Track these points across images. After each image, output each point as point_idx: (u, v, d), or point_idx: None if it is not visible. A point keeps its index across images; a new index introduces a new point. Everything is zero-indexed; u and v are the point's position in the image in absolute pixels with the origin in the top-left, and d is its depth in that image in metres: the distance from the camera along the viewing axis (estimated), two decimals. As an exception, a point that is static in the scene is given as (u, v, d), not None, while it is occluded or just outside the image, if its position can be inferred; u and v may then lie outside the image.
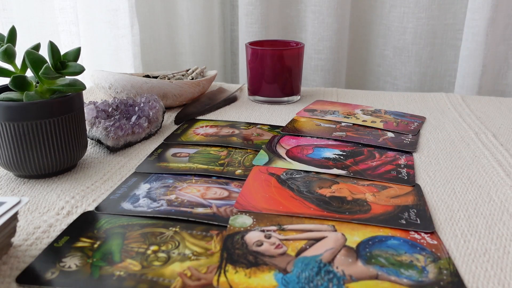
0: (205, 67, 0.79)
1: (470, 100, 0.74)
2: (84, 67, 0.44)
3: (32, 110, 0.42)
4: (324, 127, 0.61)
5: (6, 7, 0.74)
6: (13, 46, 0.44)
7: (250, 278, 0.31)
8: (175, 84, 0.67)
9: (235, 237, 0.35)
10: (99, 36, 0.90)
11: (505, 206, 0.41)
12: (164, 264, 0.32)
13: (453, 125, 0.63)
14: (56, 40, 0.80)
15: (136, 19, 0.91)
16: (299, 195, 0.42)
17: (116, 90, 0.65)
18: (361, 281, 0.31)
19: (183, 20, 1.03)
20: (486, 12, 0.84)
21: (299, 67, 0.73)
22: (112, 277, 0.31)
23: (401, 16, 0.97)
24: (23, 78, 0.43)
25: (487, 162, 0.50)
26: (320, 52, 0.99)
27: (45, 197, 0.42)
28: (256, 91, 0.73)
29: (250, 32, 0.97)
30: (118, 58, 0.92)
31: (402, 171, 0.48)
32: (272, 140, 0.56)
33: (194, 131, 0.60)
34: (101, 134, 0.52)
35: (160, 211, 0.39)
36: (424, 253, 0.34)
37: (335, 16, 0.95)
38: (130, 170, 0.48)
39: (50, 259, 0.33)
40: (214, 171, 0.47)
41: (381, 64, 1.04)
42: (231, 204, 0.40)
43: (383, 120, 0.64)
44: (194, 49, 1.05)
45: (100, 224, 0.37)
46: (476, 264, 0.33)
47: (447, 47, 0.97)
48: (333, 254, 0.33)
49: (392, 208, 0.40)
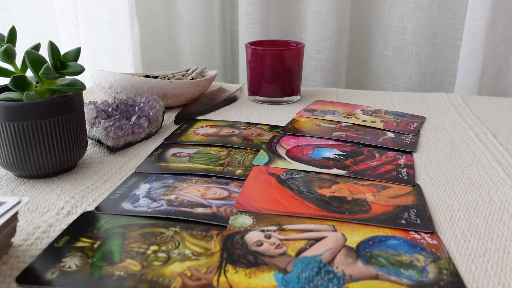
0: (205, 67, 0.79)
1: (470, 100, 0.74)
2: (84, 67, 0.44)
3: (32, 110, 0.42)
4: (324, 127, 0.61)
5: (6, 7, 0.74)
6: (13, 46, 0.44)
7: (250, 278, 0.31)
8: (175, 84, 0.67)
9: (235, 237, 0.35)
10: (99, 36, 0.90)
11: (505, 206, 0.41)
12: (164, 264, 0.32)
13: (453, 125, 0.63)
14: (56, 40, 0.80)
15: (136, 19, 0.91)
16: (299, 195, 0.42)
17: (116, 90, 0.65)
18: (361, 281, 0.31)
19: (183, 20, 1.03)
20: (486, 12, 0.84)
21: (299, 67, 0.73)
22: (112, 277, 0.31)
23: (401, 16, 0.97)
24: (23, 78, 0.43)
25: (487, 162, 0.50)
26: (320, 52, 0.99)
27: (45, 197, 0.42)
28: (256, 91, 0.73)
29: (250, 32, 0.97)
30: (118, 58, 0.92)
31: (402, 171, 0.48)
32: (272, 140, 0.56)
33: (194, 131, 0.60)
34: (101, 134, 0.52)
35: (160, 211, 0.39)
36: (424, 253, 0.34)
37: (335, 16, 0.95)
38: (130, 170, 0.48)
39: (50, 259, 0.33)
40: (214, 171, 0.47)
41: (381, 64, 1.04)
42: (231, 204, 0.40)
43: (383, 120, 0.64)
44: (194, 49, 1.05)
45: (100, 224, 0.37)
46: (476, 264, 0.33)
47: (447, 47, 0.97)
48: (333, 254, 0.33)
49: (392, 208, 0.40)
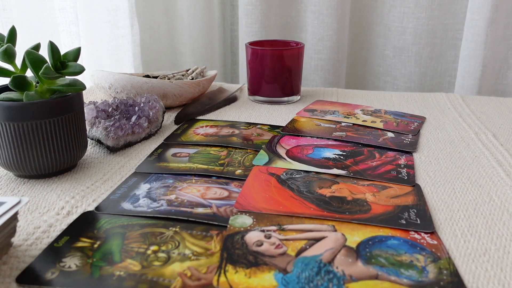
0: (205, 67, 0.79)
1: (470, 100, 0.74)
2: (84, 67, 0.44)
3: (32, 110, 0.42)
4: (324, 127, 0.61)
5: (6, 7, 0.74)
6: (13, 46, 0.44)
7: (250, 278, 0.31)
8: (175, 84, 0.67)
9: (235, 237, 0.35)
10: (99, 36, 0.90)
11: (505, 206, 0.41)
12: (164, 264, 0.32)
13: (453, 125, 0.63)
14: (56, 40, 0.80)
15: (136, 19, 0.91)
16: (299, 195, 0.42)
17: (116, 90, 0.65)
18: (361, 281, 0.31)
19: (183, 20, 1.03)
20: (486, 12, 0.84)
21: (299, 67, 0.73)
22: (112, 277, 0.31)
23: (401, 16, 0.97)
24: (23, 78, 0.43)
25: (487, 162, 0.50)
26: (320, 52, 0.99)
27: (45, 197, 0.42)
28: (256, 91, 0.73)
29: (250, 32, 0.97)
30: (118, 58, 0.92)
31: (402, 171, 0.48)
32: (272, 140, 0.56)
33: (194, 131, 0.60)
34: (101, 134, 0.52)
35: (160, 211, 0.39)
36: (424, 253, 0.34)
37: (335, 16, 0.95)
38: (130, 170, 0.48)
39: (50, 259, 0.33)
40: (214, 171, 0.47)
41: (381, 64, 1.04)
42: (231, 204, 0.40)
43: (383, 120, 0.64)
44: (194, 49, 1.05)
45: (100, 224, 0.37)
46: (476, 264, 0.33)
47: (447, 47, 0.97)
48: (333, 254, 0.33)
49: (392, 208, 0.40)
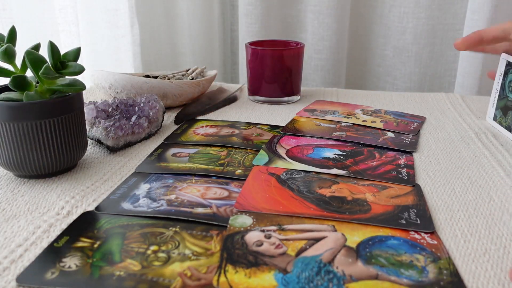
0: (205, 67, 0.79)
1: (470, 100, 0.74)
2: (84, 67, 0.44)
3: (32, 110, 0.42)
4: (324, 127, 0.61)
5: (6, 7, 0.74)
6: (13, 46, 0.44)
7: (250, 278, 0.31)
8: (175, 84, 0.67)
9: (235, 237, 0.35)
10: (99, 36, 0.90)
11: (505, 206, 0.41)
12: (164, 264, 0.32)
13: (453, 125, 0.63)
14: (56, 40, 0.80)
15: (136, 19, 0.91)
16: (299, 195, 0.42)
17: (116, 90, 0.65)
18: (361, 281, 0.31)
19: (183, 20, 1.03)
20: (486, 12, 0.84)
21: (299, 67, 0.73)
22: (112, 277, 0.31)
23: (401, 16, 0.97)
24: (23, 78, 0.43)
25: (487, 162, 0.50)
26: (320, 52, 0.99)
27: (45, 197, 0.42)
28: (256, 91, 0.73)
29: (250, 32, 0.97)
30: (118, 58, 0.92)
31: (402, 171, 0.48)
32: (272, 140, 0.56)
33: (194, 131, 0.60)
34: (101, 134, 0.52)
35: (160, 211, 0.39)
36: (424, 253, 0.34)
37: (335, 16, 0.95)
38: (130, 170, 0.48)
39: (50, 259, 0.33)
40: (214, 171, 0.47)
41: (381, 64, 1.04)
42: (231, 204, 0.40)
43: (383, 120, 0.64)
44: (194, 49, 1.05)
45: (100, 224, 0.37)
46: (476, 264, 0.33)
47: (447, 47, 0.97)
48: (333, 254, 0.33)
49: (392, 208, 0.40)
